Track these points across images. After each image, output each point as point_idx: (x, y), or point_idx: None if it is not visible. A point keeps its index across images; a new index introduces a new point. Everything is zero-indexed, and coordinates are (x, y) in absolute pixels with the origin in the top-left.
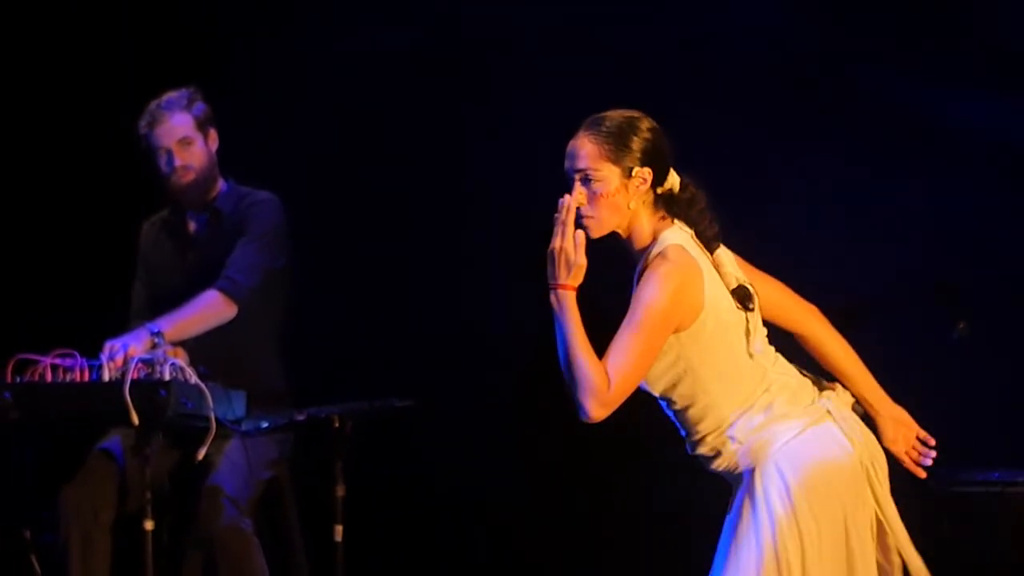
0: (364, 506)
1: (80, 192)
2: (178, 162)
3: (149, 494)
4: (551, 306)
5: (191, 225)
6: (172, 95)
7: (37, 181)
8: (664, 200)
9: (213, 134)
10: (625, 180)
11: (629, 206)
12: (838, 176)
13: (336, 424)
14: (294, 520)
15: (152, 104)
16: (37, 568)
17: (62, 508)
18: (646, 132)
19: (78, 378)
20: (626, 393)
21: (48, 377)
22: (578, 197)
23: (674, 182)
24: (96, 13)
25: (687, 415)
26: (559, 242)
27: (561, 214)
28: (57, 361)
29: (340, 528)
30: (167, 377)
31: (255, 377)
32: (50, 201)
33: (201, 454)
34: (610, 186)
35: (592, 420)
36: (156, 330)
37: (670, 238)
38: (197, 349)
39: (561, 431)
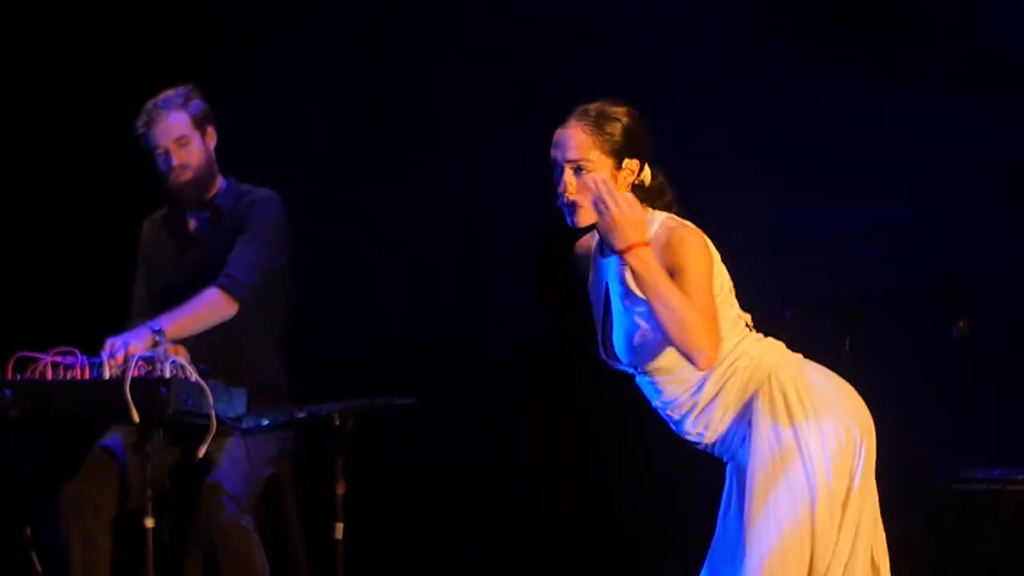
0: (365, 504)
1: (81, 190)
2: (176, 161)
3: (150, 492)
4: (634, 269)
5: (191, 223)
6: (169, 93)
7: (38, 179)
8: (637, 190)
9: (211, 132)
10: (615, 171)
11: None
12: (839, 172)
13: (337, 422)
14: (295, 518)
15: (149, 103)
16: (38, 566)
17: (63, 506)
18: (633, 123)
19: (78, 376)
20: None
21: (48, 375)
22: (568, 186)
23: (646, 174)
24: (96, 11)
25: (679, 377)
26: (615, 209)
27: (599, 188)
28: (57, 359)
29: (341, 526)
30: (168, 375)
31: (256, 374)
32: (51, 199)
33: (202, 452)
34: (601, 176)
35: (710, 365)
36: (157, 328)
37: (660, 216)
38: (198, 346)
39: (563, 428)
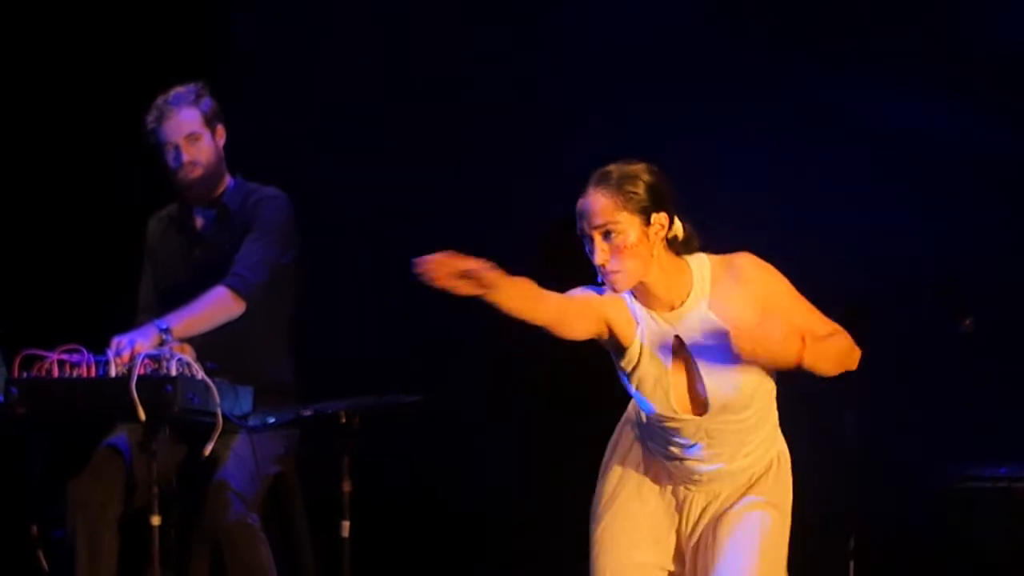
0: (371, 502)
1: (87, 188)
2: (185, 157)
3: (156, 489)
4: (816, 367)
5: (198, 221)
6: (180, 90)
7: (44, 177)
8: (673, 243)
9: (220, 130)
10: (644, 228)
11: (652, 253)
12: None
13: (343, 419)
14: (301, 516)
15: (160, 99)
16: (44, 563)
17: (69, 503)
18: (652, 177)
19: (85, 374)
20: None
21: (55, 372)
22: (601, 255)
23: (678, 227)
24: (102, 7)
25: (750, 422)
26: (765, 352)
27: (742, 346)
28: (64, 356)
29: (347, 524)
30: (174, 373)
31: (262, 372)
32: (57, 197)
33: (208, 450)
34: (631, 236)
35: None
36: (164, 327)
37: (702, 257)
38: (204, 344)
39: (568, 426)
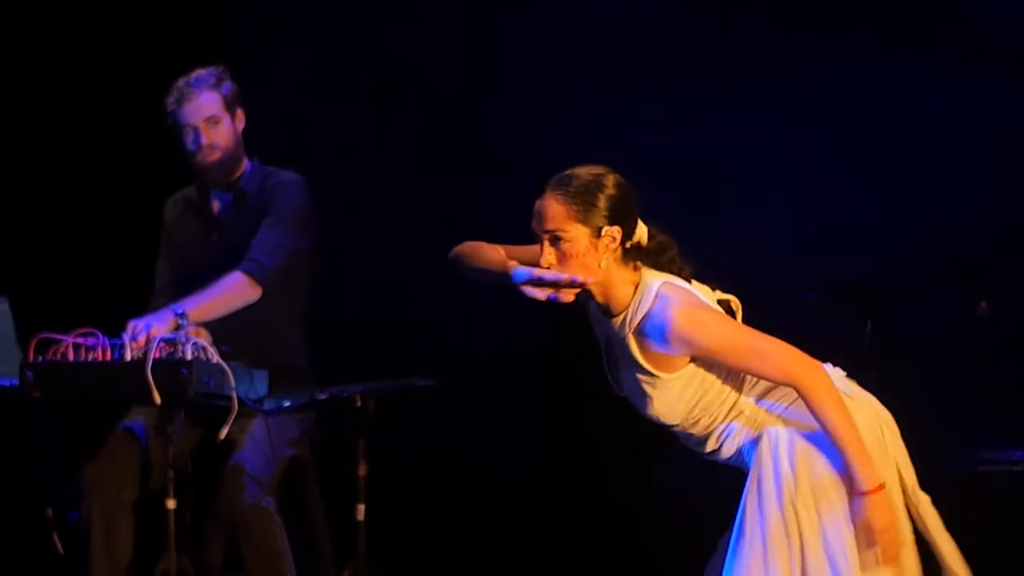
0: (386, 485)
1: (103, 170)
2: (204, 140)
3: (171, 473)
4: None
5: (215, 205)
6: (201, 72)
7: (60, 160)
8: (633, 252)
9: (240, 114)
10: (594, 240)
11: (600, 265)
12: (860, 155)
13: (358, 403)
14: (316, 499)
15: (181, 81)
16: (59, 546)
17: (84, 487)
18: (612, 189)
19: (100, 357)
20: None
21: (70, 356)
22: (547, 258)
23: (642, 234)
24: None
25: (709, 423)
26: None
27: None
28: (79, 340)
29: (362, 507)
30: (189, 356)
31: (277, 356)
32: (73, 179)
33: (223, 433)
34: (579, 246)
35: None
36: (180, 311)
37: (654, 284)
38: (220, 328)
39: (584, 410)
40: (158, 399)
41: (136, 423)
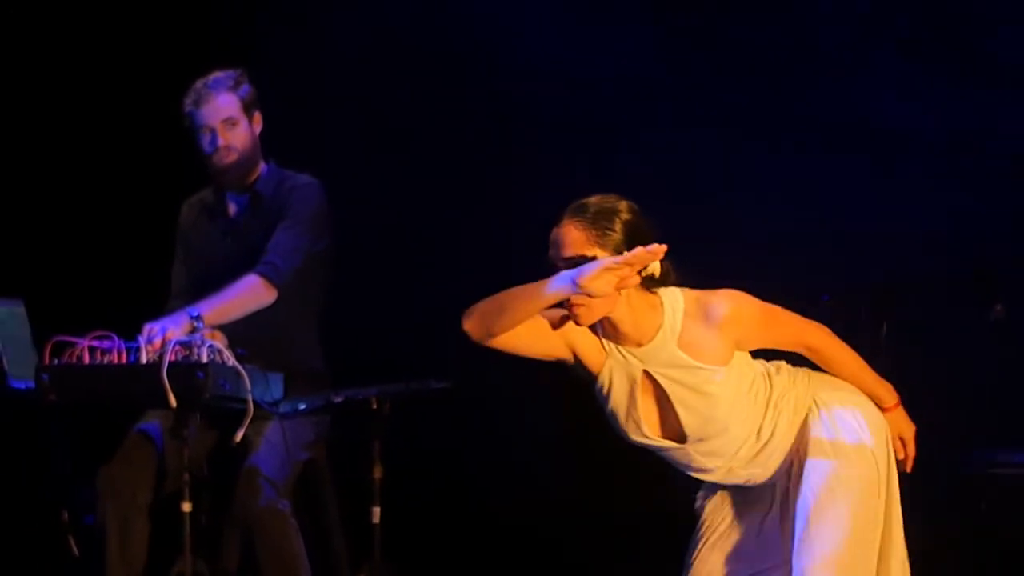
0: (401, 487)
1: (118, 173)
2: (221, 142)
3: (187, 476)
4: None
5: (231, 207)
6: (219, 75)
7: (75, 162)
8: (648, 281)
9: (258, 117)
10: None
11: (620, 291)
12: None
13: (374, 406)
14: (331, 502)
15: (199, 82)
16: (75, 549)
17: (99, 489)
18: (627, 214)
19: (115, 360)
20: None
21: (86, 359)
22: None
23: (655, 265)
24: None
25: (738, 433)
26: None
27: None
28: (94, 343)
29: (378, 510)
30: (204, 359)
31: (293, 359)
32: (88, 183)
33: (239, 436)
34: None
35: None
36: (196, 314)
37: (676, 294)
38: (235, 331)
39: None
40: (174, 402)
41: (152, 426)
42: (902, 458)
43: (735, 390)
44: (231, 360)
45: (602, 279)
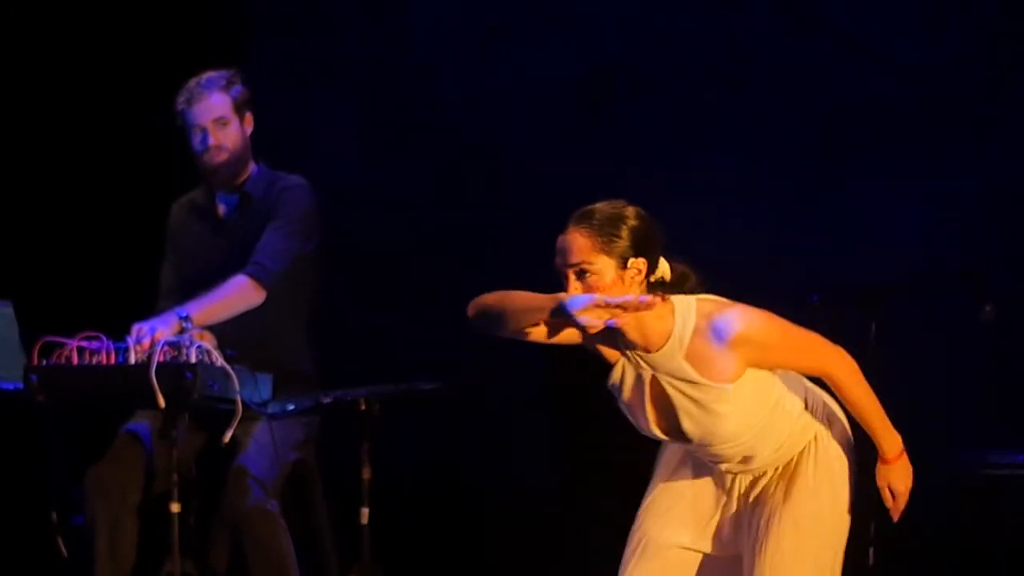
0: (390, 488)
1: (107, 173)
2: (212, 141)
3: (176, 476)
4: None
5: (220, 208)
6: (212, 74)
7: (63, 163)
8: (658, 286)
9: (249, 118)
10: (620, 272)
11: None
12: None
13: (363, 406)
14: (320, 502)
15: (191, 82)
16: (63, 550)
17: (88, 490)
18: (634, 220)
19: (104, 361)
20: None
21: (74, 359)
22: (573, 292)
23: (664, 269)
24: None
25: (749, 441)
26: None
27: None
28: (83, 344)
29: (366, 511)
30: (193, 360)
31: (282, 359)
32: (77, 183)
33: (227, 437)
34: (606, 279)
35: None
36: (184, 314)
37: (690, 303)
38: (224, 331)
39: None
40: (162, 402)
41: (140, 426)
42: (890, 507)
43: (744, 408)
44: (220, 361)
45: (592, 313)
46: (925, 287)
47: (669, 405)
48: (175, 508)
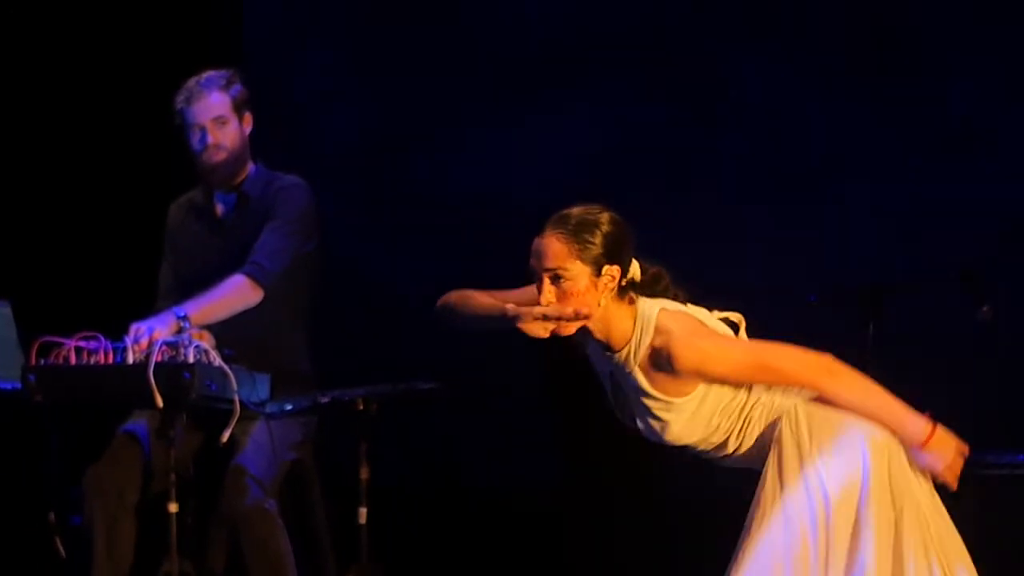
0: (388, 488)
1: (105, 173)
2: (211, 140)
3: (173, 476)
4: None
5: (218, 208)
6: (212, 74)
7: (62, 163)
8: (628, 288)
9: (248, 118)
10: (594, 279)
11: (599, 303)
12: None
13: (360, 406)
14: (319, 502)
15: (191, 81)
16: (62, 550)
17: (86, 490)
18: (608, 226)
19: (102, 360)
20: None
21: (72, 359)
22: (547, 296)
23: (635, 271)
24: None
25: (728, 428)
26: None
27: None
28: (81, 343)
29: (364, 511)
30: (191, 359)
31: (280, 359)
32: (75, 183)
33: (225, 437)
34: (580, 284)
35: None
36: (182, 314)
37: (652, 314)
38: (223, 331)
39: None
40: (160, 402)
41: (138, 426)
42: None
43: (692, 416)
44: (218, 360)
45: (537, 325)
46: (923, 287)
47: (625, 398)
48: (173, 508)
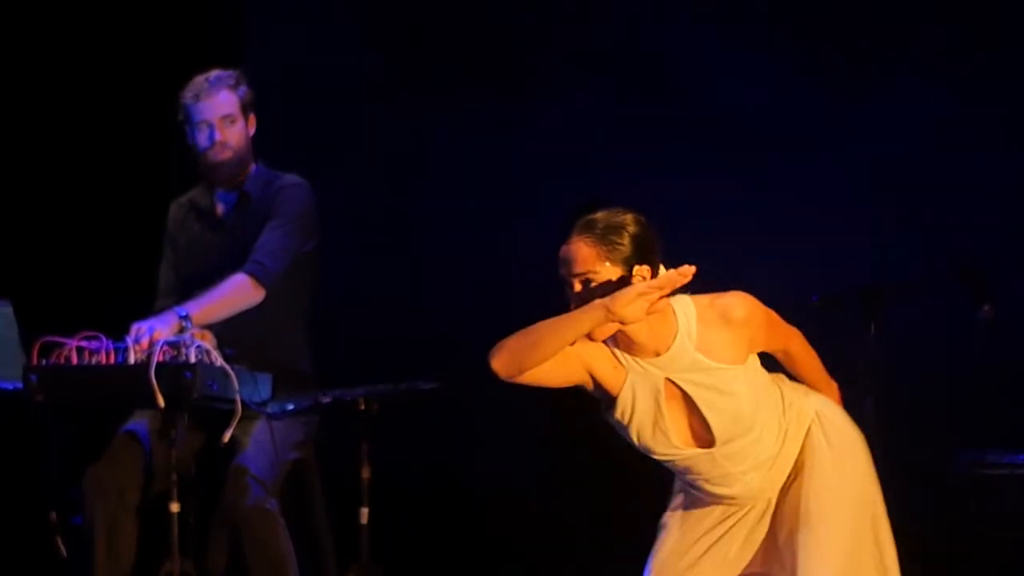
0: (390, 488)
1: (106, 173)
2: (219, 137)
3: (175, 476)
4: None
5: (219, 207)
6: (220, 72)
7: (63, 163)
8: None
9: (253, 119)
10: (625, 280)
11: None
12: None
13: (362, 406)
14: (320, 502)
15: (199, 78)
16: (63, 550)
17: (87, 490)
18: (635, 227)
19: (104, 360)
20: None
21: (73, 359)
22: (579, 302)
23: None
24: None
25: (760, 432)
26: None
27: None
28: (83, 343)
29: (366, 510)
30: (193, 359)
31: (281, 359)
32: (76, 183)
33: (227, 436)
34: (610, 287)
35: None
36: (184, 313)
37: (684, 301)
38: (224, 331)
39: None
40: (161, 402)
41: (139, 426)
42: None
43: (755, 388)
44: (219, 360)
45: (635, 305)
46: (924, 287)
47: (690, 405)
48: (174, 508)
